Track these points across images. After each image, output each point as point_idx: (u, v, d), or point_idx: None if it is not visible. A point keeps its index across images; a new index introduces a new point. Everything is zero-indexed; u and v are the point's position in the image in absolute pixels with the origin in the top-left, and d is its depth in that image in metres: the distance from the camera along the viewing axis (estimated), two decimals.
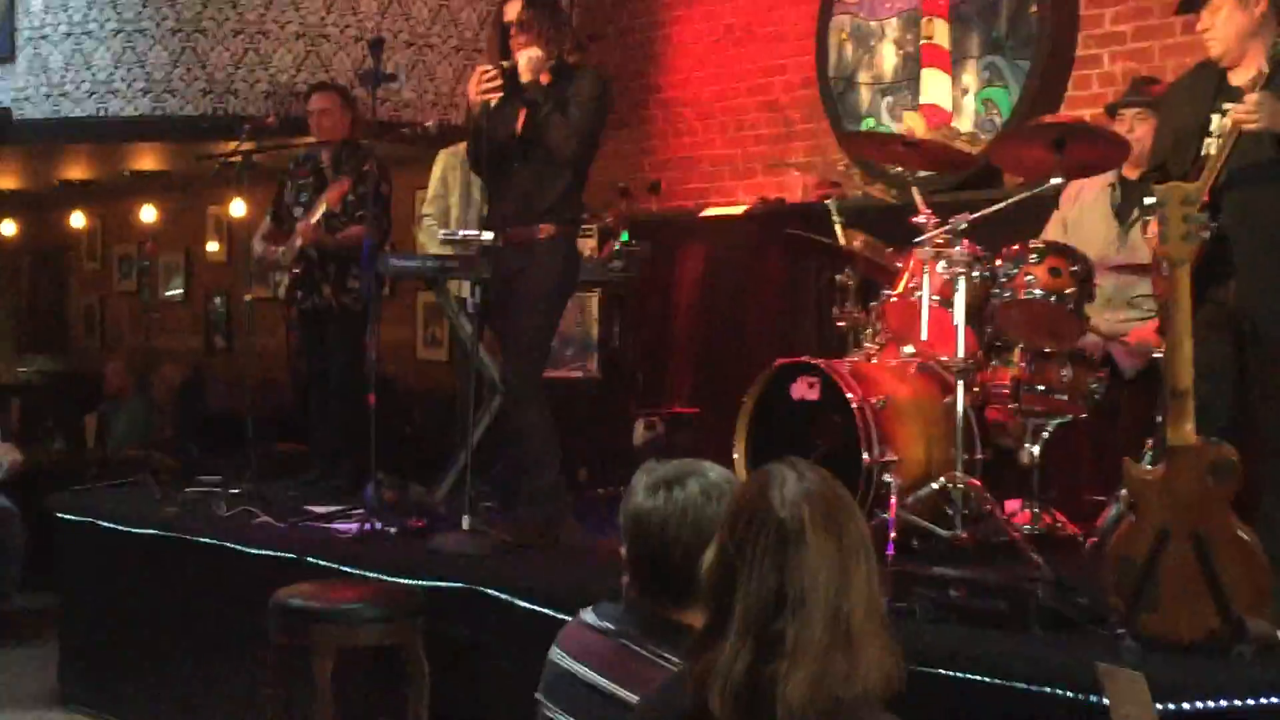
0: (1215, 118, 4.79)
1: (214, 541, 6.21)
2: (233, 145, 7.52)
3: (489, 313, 5.99)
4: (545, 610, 4.74)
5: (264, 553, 5.94)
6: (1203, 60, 5.04)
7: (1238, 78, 4.76)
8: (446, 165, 7.54)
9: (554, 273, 5.77)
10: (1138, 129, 5.88)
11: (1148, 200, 4.31)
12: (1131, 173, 5.95)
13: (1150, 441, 4.83)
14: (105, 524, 6.84)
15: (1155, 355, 5.40)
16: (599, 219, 7.93)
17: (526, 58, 5.64)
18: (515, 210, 5.75)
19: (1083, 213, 6.14)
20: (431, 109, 8.94)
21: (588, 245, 7.61)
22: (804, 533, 2.03)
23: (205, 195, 12.54)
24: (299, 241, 7.23)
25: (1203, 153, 4.76)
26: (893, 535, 5.04)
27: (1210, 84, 4.88)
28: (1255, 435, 4.75)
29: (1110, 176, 6.03)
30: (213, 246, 13.17)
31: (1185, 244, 4.01)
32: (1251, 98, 4.48)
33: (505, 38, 5.81)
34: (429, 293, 7.04)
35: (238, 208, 9.97)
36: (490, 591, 5.02)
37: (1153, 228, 4.47)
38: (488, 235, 5.79)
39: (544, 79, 5.70)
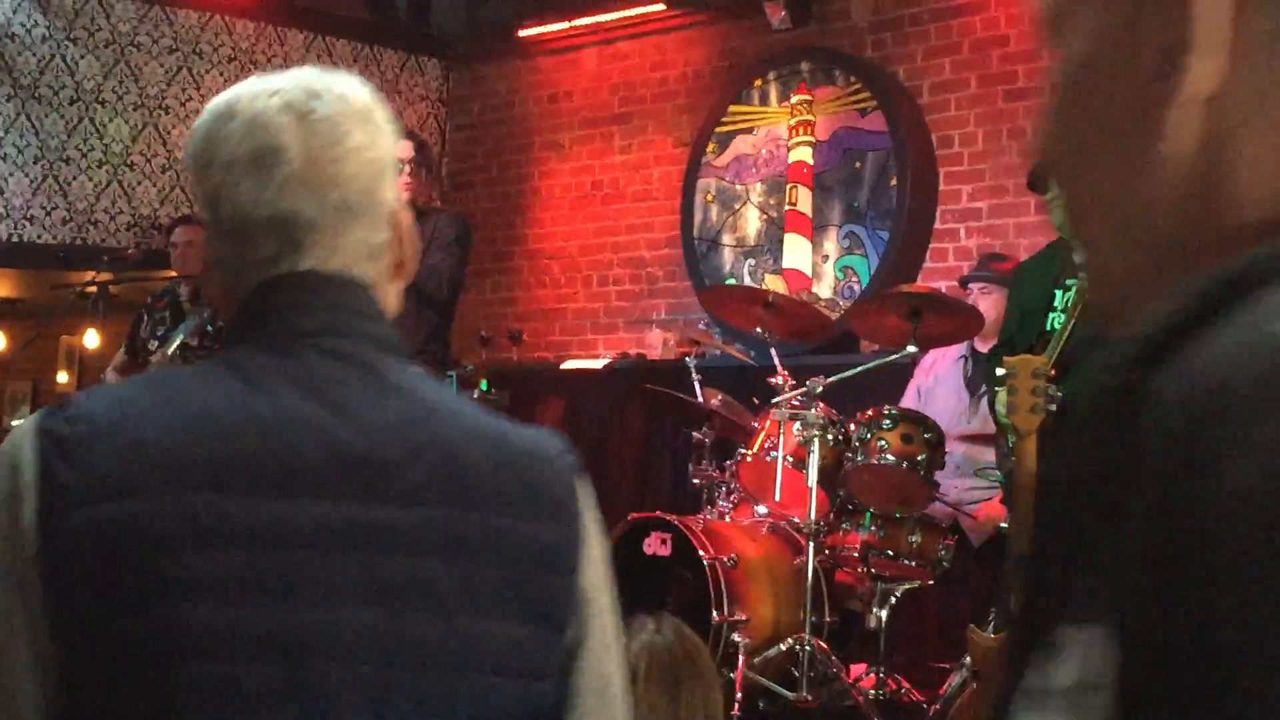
0: (1059, 293, 4.93)
1: None
2: (90, 275, 7.43)
3: None
4: None
5: None
6: (1052, 241, 5.20)
7: (1082, 254, 4.91)
8: None
9: None
10: (982, 302, 6.02)
11: (999, 371, 4.40)
12: (982, 345, 6.08)
13: (995, 609, 4.88)
14: None
15: (1002, 526, 5.48)
16: (459, 366, 7.91)
17: None
18: None
19: (936, 382, 6.26)
20: None
21: None
22: (635, 683, 2.01)
23: (58, 324, 12.32)
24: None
25: (1047, 327, 4.89)
26: (739, 695, 5.02)
27: (1056, 263, 5.03)
28: None
29: (963, 348, 6.17)
30: (63, 377, 12.91)
31: (1033, 415, 4.10)
32: None
33: None
34: None
35: (91, 338, 9.80)
36: None
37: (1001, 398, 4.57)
38: None
39: None
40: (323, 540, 1.29)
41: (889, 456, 5.42)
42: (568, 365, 8.78)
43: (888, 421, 5.49)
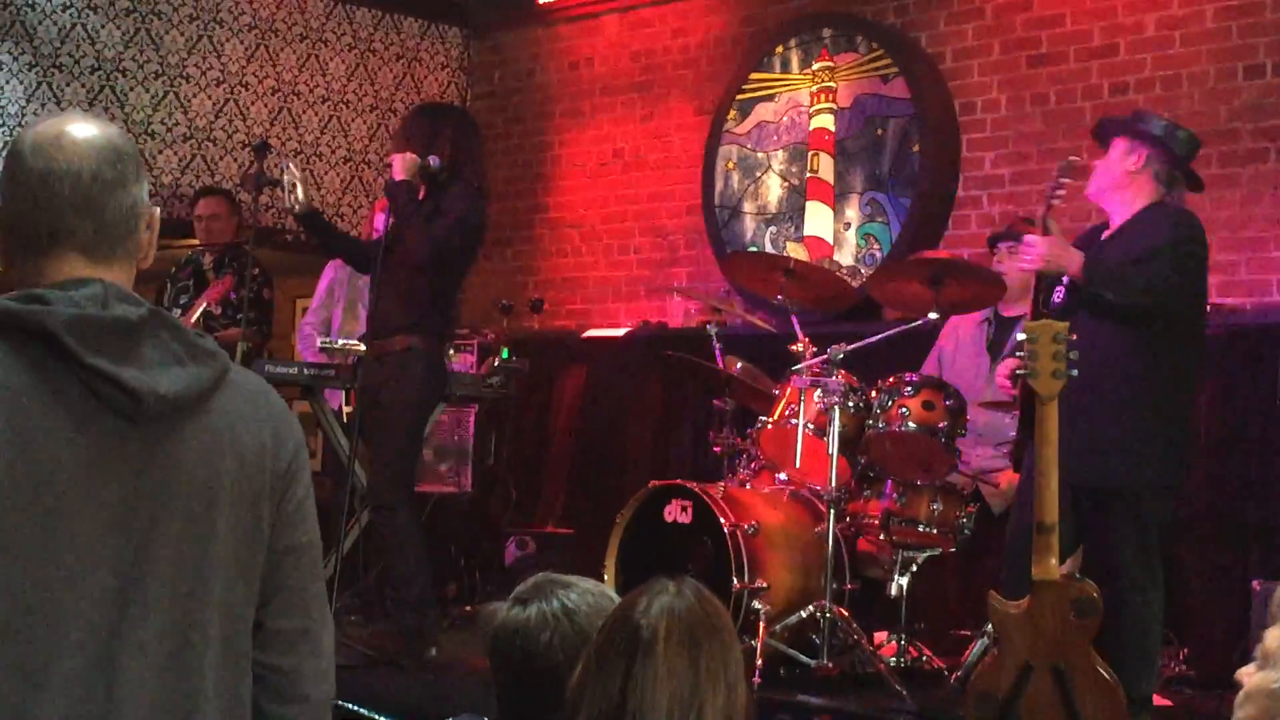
0: None
1: None
2: None
3: (362, 423, 5.95)
4: None
5: None
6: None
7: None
8: (335, 277, 7.49)
9: (413, 386, 5.76)
10: (1006, 263, 5.98)
11: (1019, 336, 4.38)
12: (1006, 310, 6.05)
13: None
14: None
15: None
16: (479, 335, 7.91)
17: (401, 160, 5.78)
18: (379, 323, 5.77)
19: (959, 347, 6.24)
20: None
21: (467, 361, 7.60)
22: (655, 645, 1.98)
23: None
24: None
25: None
26: (759, 662, 5.03)
27: (1089, 237, 5.01)
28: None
29: (986, 312, 6.13)
30: None
31: (1054, 380, 4.08)
32: (1027, 238, 4.67)
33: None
34: (304, 402, 6.99)
35: None
36: (350, 706, 4.92)
37: (1010, 363, 4.56)
38: (363, 346, 5.80)
39: (418, 186, 5.81)
40: None
41: (910, 424, 5.41)
42: (589, 334, 8.77)
43: (909, 389, 5.48)
